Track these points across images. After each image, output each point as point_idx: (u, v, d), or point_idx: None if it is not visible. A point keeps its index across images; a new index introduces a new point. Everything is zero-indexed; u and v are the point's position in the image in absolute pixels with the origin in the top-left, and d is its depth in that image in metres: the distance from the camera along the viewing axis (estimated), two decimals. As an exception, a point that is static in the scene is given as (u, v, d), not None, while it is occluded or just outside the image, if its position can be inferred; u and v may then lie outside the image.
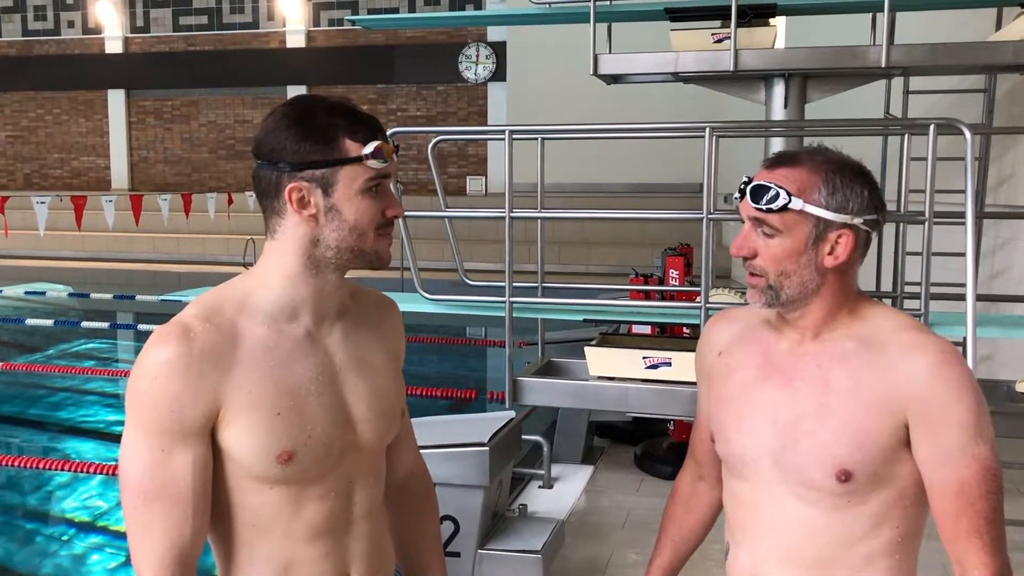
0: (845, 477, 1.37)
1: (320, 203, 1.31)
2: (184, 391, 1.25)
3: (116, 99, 17.55)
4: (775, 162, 1.42)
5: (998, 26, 5.64)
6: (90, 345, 9.27)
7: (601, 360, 4.13)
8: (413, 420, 3.54)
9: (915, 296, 4.08)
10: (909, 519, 1.42)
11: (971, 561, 1.37)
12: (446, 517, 3.17)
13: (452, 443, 3.15)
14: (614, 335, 4.86)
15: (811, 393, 1.41)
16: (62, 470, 5.38)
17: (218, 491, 1.32)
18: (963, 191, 3.71)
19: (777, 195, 1.36)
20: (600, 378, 4.13)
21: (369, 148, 1.30)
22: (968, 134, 3.58)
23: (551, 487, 4.56)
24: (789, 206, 1.36)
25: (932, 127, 3.58)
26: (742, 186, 1.40)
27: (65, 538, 4.69)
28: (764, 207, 1.37)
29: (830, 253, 1.38)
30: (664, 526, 1.73)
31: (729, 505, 1.55)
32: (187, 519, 1.27)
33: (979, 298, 3.75)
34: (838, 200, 1.37)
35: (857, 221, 1.38)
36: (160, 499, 1.26)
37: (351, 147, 1.30)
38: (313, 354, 1.36)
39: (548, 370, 4.47)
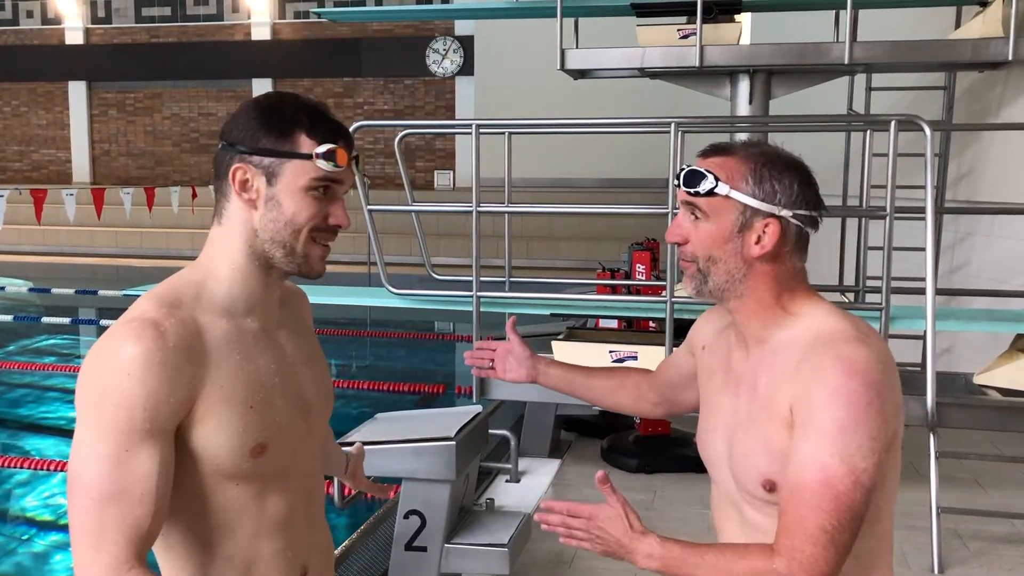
0: (770, 487, 1.37)
1: (262, 190, 1.31)
2: (160, 388, 1.21)
3: (77, 91, 17.26)
4: (710, 151, 1.45)
5: (957, 24, 5.74)
6: (51, 341, 9.12)
7: (568, 354, 4.14)
8: (380, 415, 3.53)
9: (876, 290, 4.14)
10: (862, 535, 1.35)
11: (780, 545, 1.30)
12: (413, 511, 3.17)
13: (419, 438, 3.14)
14: (581, 329, 4.88)
15: (746, 401, 1.43)
16: (22, 467, 5.29)
17: (181, 494, 1.28)
18: (923, 187, 3.77)
19: (705, 179, 1.39)
20: (567, 372, 4.15)
21: (322, 148, 1.30)
22: (928, 130, 3.64)
23: (518, 481, 4.57)
24: (716, 190, 1.39)
25: (893, 123, 3.63)
26: (679, 172, 1.43)
27: (25, 537, 4.62)
28: (693, 191, 1.40)
29: (757, 242, 1.39)
30: (600, 369, 1.88)
31: (712, 504, 1.60)
32: (147, 519, 1.22)
33: (939, 292, 3.82)
34: (765, 190, 1.38)
35: (785, 213, 1.38)
36: (119, 500, 1.20)
37: (304, 143, 1.30)
38: (270, 347, 1.36)
39: (515, 364, 4.47)
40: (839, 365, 1.31)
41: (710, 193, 1.39)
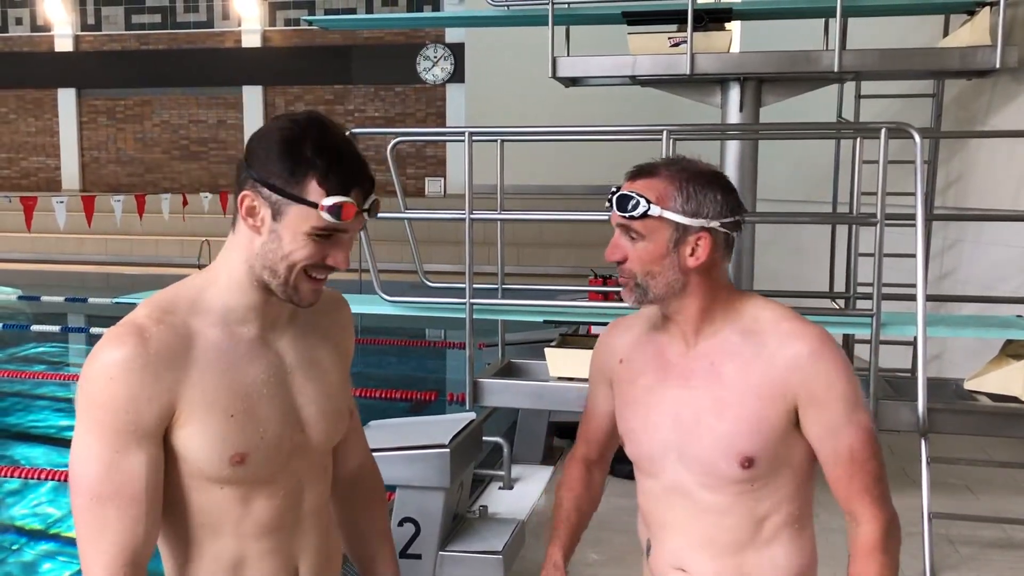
0: (748, 463, 1.50)
1: (267, 220, 1.30)
2: (140, 392, 1.25)
3: (66, 98, 17.20)
4: (636, 174, 1.55)
5: (946, 33, 5.77)
6: (40, 349, 9.08)
7: (561, 361, 4.15)
8: (374, 423, 3.53)
9: (867, 296, 4.16)
10: (803, 495, 1.57)
11: (864, 515, 1.52)
12: (407, 519, 3.17)
13: (413, 445, 3.14)
14: (574, 336, 4.89)
15: (707, 389, 1.53)
16: (12, 477, 5.26)
17: (168, 491, 1.32)
18: (913, 193, 3.79)
19: (638, 203, 1.49)
20: (560, 379, 4.16)
21: (329, 201, 1.26)
22: (918, 138, 3.67)
23: (511, 488, 4.57)
24: (649, 213, 1.49)
25: (883, 131, 3.65)
26: (610, 196, 1.52)
27: (15, 547, 4.60)
28: (628, 215, 1.49)
29: (691, 255, 1.50)
30: (566, 509, 1.78)
31: (644, 503, 1.65)
32: (140, 520, 1.27)
33: (929, 298, 3.84)
34: (693, 206, 1.49)
35: (714, 224, 1.50)
36: (114, 500, 1.26)
37: (313, 191, 1.27)
38: (264, 356, 1.37)
39: (508, 371, 4.48)
40: (825, 344, 1.50)
41: (644, 216, 1.48)
